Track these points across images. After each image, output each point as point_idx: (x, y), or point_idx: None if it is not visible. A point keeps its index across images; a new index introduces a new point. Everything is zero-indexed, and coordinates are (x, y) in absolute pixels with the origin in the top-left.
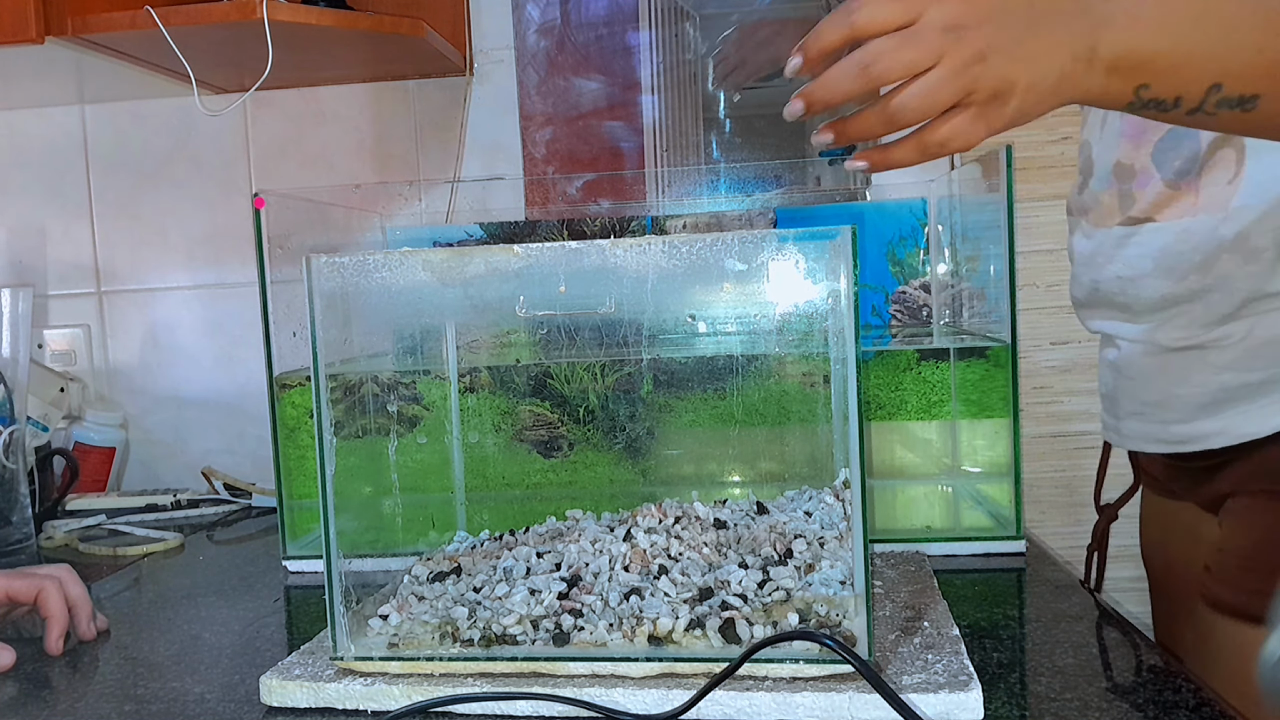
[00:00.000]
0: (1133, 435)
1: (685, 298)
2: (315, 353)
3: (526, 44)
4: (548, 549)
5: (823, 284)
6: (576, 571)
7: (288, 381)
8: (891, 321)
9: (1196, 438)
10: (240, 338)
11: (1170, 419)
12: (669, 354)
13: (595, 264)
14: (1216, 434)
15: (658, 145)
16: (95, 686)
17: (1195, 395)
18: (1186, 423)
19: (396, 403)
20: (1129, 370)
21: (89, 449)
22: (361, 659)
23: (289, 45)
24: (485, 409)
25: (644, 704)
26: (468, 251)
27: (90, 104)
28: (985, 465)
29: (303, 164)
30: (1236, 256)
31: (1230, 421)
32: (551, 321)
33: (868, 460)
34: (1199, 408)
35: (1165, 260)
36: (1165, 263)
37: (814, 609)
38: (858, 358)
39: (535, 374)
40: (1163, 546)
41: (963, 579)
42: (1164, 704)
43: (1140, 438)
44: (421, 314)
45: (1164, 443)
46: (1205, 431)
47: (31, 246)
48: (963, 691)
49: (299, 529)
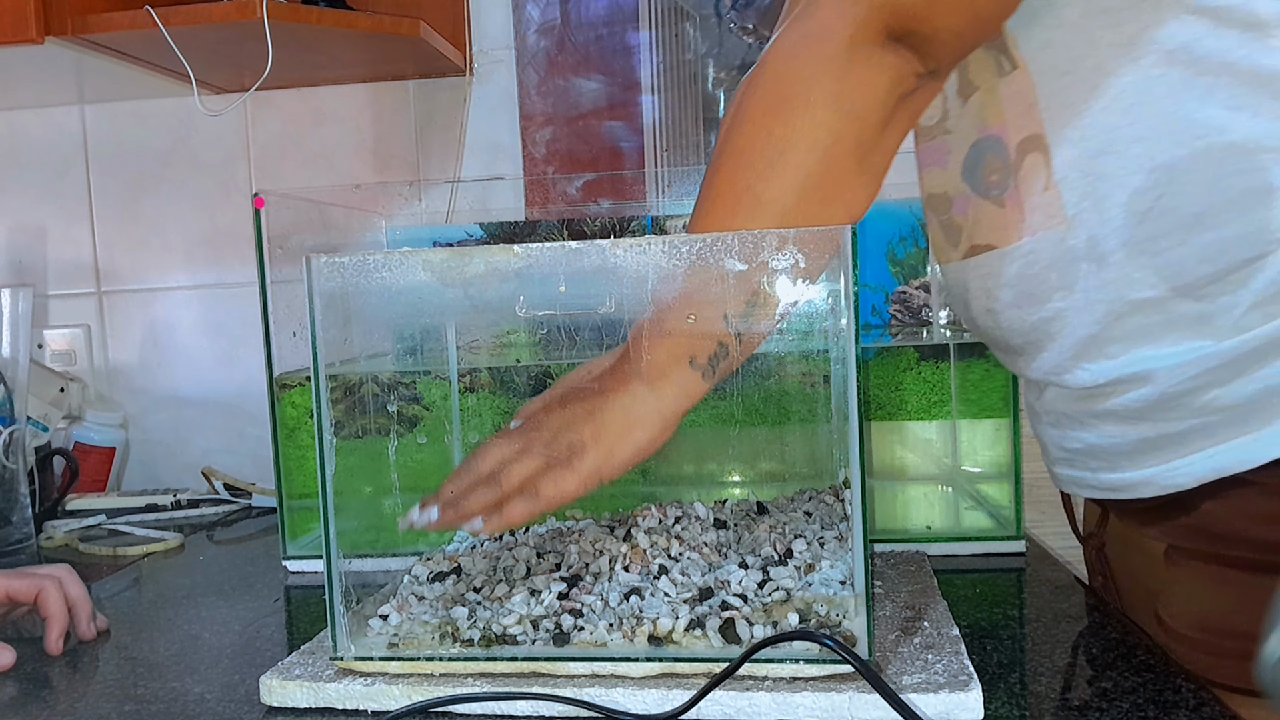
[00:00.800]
0: (1065, 480)
1: None
2: (315, 353)
3: (526, 44)
4: (548, 549)
5: (823, 284)
6: (577, 572)
7: (288, 381)
8: (891, 321)
9: (1124, 487)
10: (240, 338)
11: (1096, 467)
12: None
13: (595, 264)
14: (1143, 484)
15: (658, 145)
16: (95, 686)
17: (1115, 445)
18: (1112, 472)
19: (396, 403)
20: (1045, 417)
21: (89, 449)
22: (361, 659)
23: (289, 45)
24: (485, 409)
25: (644, 704)
26: (468, 251)
27: (90, 104)
28: (985, 465)
29: (303, 164)
30: (1091, 265)
31: (1156, 472)
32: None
33: (868, 460)
34: (1122, 456)
35: (1022, 284)
36: (1022, 288)
37: (814, 609)
38: (858, 358)
39: (535, 374)
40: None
41: (963, 579)
42: (1164, 704)
43: (1072, 484)
44: (421, 314)
45: (1095, 489)
46: (1132, 481)
47: (31, 246)
48: (963, 691)
49: (299, 529)
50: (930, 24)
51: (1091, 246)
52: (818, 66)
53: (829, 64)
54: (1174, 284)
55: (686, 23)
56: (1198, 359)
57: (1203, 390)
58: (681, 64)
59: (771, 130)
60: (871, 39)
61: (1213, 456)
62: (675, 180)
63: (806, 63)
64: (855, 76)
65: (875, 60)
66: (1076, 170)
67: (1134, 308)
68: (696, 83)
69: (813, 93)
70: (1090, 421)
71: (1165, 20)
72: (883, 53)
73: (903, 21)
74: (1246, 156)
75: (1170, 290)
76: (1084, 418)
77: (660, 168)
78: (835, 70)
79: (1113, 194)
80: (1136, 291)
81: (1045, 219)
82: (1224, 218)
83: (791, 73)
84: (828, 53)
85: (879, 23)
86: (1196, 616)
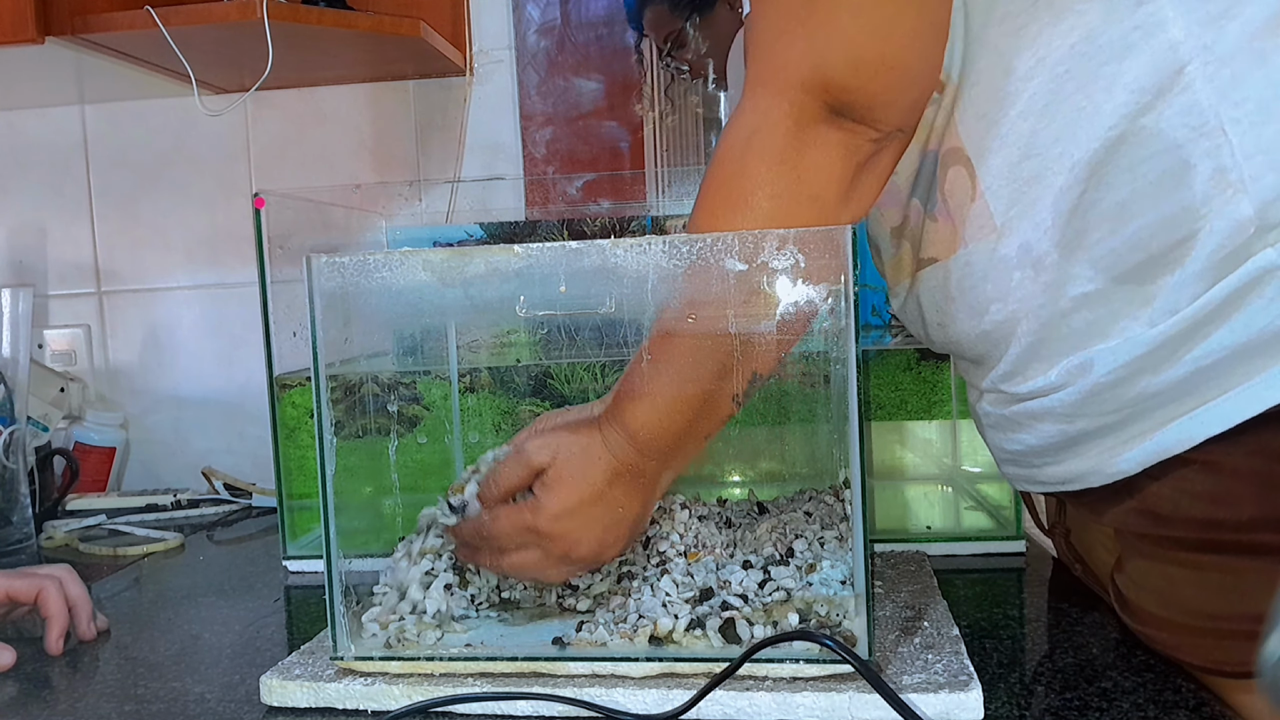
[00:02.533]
0: (1015, 479)
1: None
2: (315, 353)
3: (526, 44)
4: None
5: (823, 284)
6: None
7: (288, 381)
8: (891, 321)
9: (1071, 478)
10: (240, 338)
11: (1041, 464)
12: None
13: (595, 264)
14: (1089, 473)
15: (657, 145)
16: (95, 686)
17: (1054, 443)
18: (1056, 466)
19: (397, 403)
20: (987, 420)
21: (89, 449)
22: (361, 659)
23: (289, 45)
24: (485, 409)
25: (644, 704)
26: (468, 251)
27: (90, 104)
28: (985, 465)
29: (303, 164)
30: (1027, 270)
31: (1100, 462)
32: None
33: (868, 460)
34: (1063, 450)
35: (962, 297)
36: (964, 300)
37: (814, 609)
38: (858, 358)
39: (535, 374)
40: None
41: (963, 579)
42: (1164, 704)
43: (1023, 480)
44: (422, 314)
45: (1045, 484)
46: (1078, 472)
47: (31, 246)
48: (963, 691)
49: (299, 529)
50: (865, 93)
51: (1025, 253)
52: (766, 162)
53: (779, 156)
54: (1112, 274)
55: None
56: (1129, 347)
57: (1134, 379)
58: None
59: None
60: (814, 120)
61: (1154, 440)
62: (675, 180)
63: (756, 161)
64: (806, 162)
65: (822, 140)
66: (1001, 179)
67: (1077, 304)
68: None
69: (764, 190)
70: (1027, 423)
71: (1062, 16)
72: (828, 130)
73: (838, 95)
74: (1158, 138)
75: (1110, 280)
76: (1020, 419)
77: (660, 168)
78: (787, 161)
79: (1041, 197)
80: (1077, 287)
81: (977, 230)
82: (1147, 203)
83: (744, 172)
84: (776, 145)
85: (816, 103)
86: (1154, 597)
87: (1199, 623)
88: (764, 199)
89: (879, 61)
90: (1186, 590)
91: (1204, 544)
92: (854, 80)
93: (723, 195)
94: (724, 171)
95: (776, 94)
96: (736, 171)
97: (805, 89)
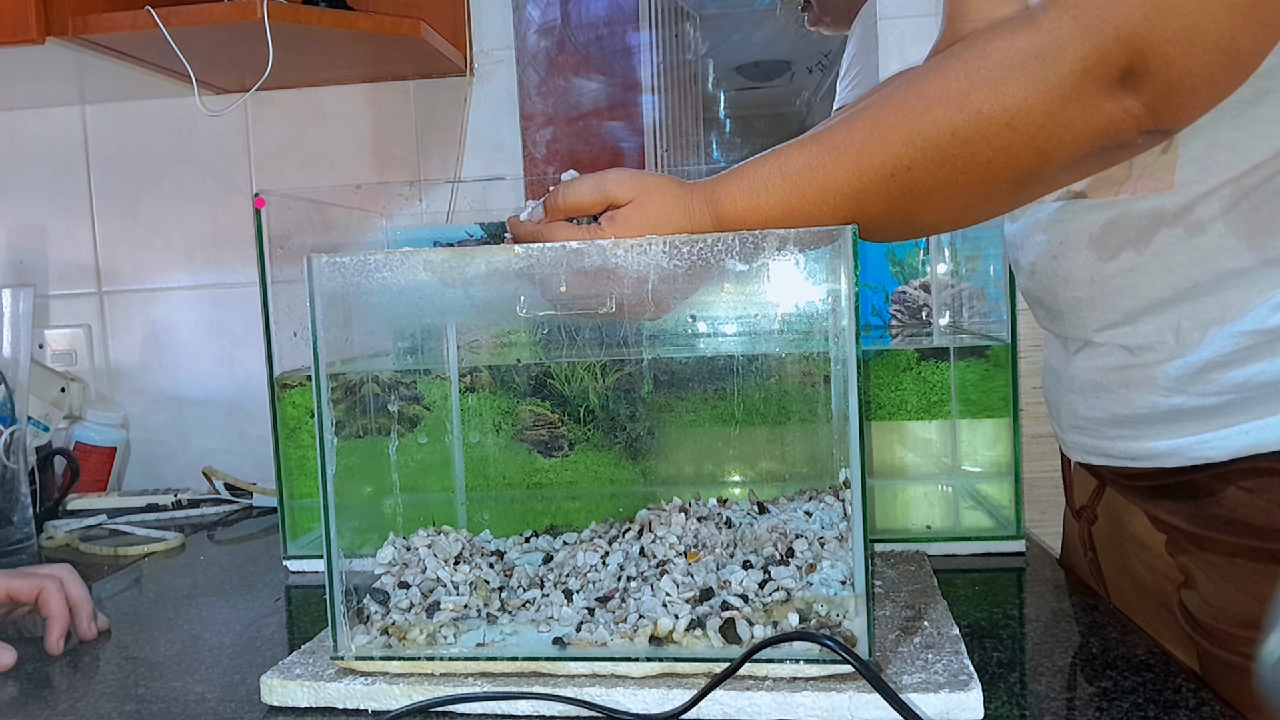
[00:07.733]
0: (1076, 448)
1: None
2: (316, 353)
3: (527, 44)
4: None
5: (823, 284)
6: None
7: (288, 381)
8: (891, 321)
9: (1144, 456)
10: (241, 338)
11: (1115, 435)
12: (669, 354)
13: (595, 264)
14: (1167, 454)
15: (658, 145)
16: (96, 686)
17: (1143, 416)
18: (1133, 440)
19: (397, 402)
20: (1070, 384)
21: (90, 449)
22: (362, 659)
23: (289, 45)
24: (486, 409)
25: (644, 704)
26: (468, 251)
27: (90, 104)
28: (985, 465)
29: (303, 164)
30: (1178, 230)
31: (1185, 443)
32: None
33: (868, 460)
34: (1146, 425)
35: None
36: (1099, 238)
37: (814, 609)
38: (858, 358)
39: (536, 374)
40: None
41: (963, 579)
42: (1164, 704)
43: (1084, 451)
44: (422, 314)
45: (1110, 457)
46: (1155, 450)
47: (32, 246)
48: (963, 691)
49: (299, 529)
50: (1178, 67)
51: (1186, 213)
52: (1033, 92)
53: (1046, 93)
54: (1265, 257)
55: (686, 23)
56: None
57: (1246, 363)
58: (681, 64)
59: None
60: (1103, 77)
61: (1248, 432)
62: None
63: (1017, 83)
64: (1066, 117)
65: (1094, 107)
66: (1202, 139)
67: (1221, 276)
68: (696, 83)
69: (1002, 117)
70: (1120, 391)
71: None
72: (1106, 99)
73: (1146, 62)
74: None
75: (1261, 262)
76: (1115, 387)
77: (660, 168)
78: (1050, 102)
79: (1231, 166)
80: (1229, 261)
81: (1153, 182)
82: None
83: (996, 85)
84: (1050, 81)
85: (1119, 60)
86: (1227, 610)
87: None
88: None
89: (1215, 40)
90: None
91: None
92: (1179, 49)
93: (956, 89)
94: (974, 71)
95: (1083, 29)
96: (990, 79)
97: (1119, 40)
